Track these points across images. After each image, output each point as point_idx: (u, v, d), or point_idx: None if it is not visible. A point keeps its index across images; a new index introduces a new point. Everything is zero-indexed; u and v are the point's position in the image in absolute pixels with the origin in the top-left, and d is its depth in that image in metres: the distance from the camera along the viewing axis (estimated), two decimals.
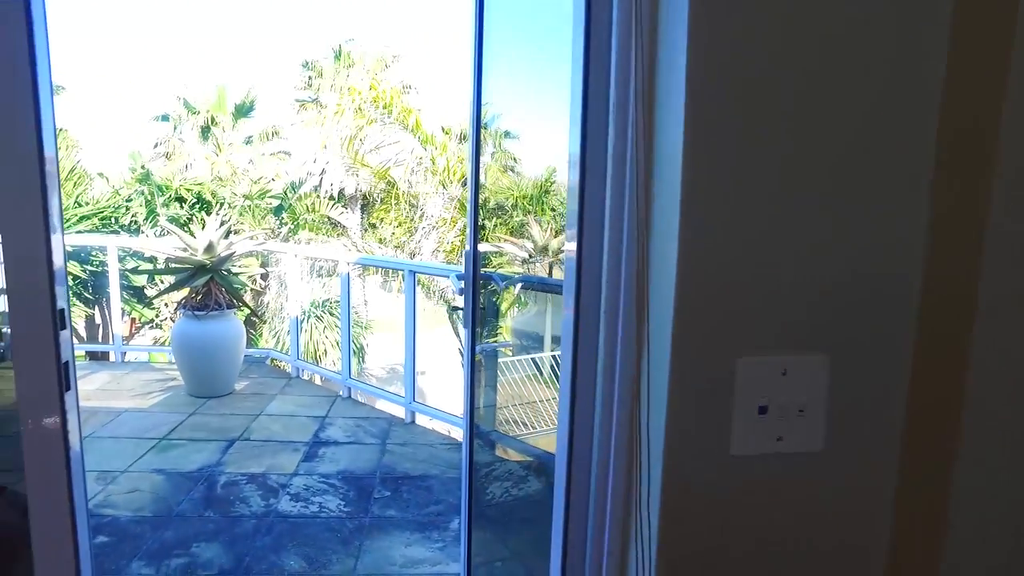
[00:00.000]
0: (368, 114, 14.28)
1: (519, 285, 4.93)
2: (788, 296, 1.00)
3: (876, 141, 0.98)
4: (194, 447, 4.35)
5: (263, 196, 11.89)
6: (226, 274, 5.58)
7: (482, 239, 2.05)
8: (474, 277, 1.99)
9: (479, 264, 2.01)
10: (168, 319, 10.08)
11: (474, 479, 2.26)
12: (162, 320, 10.45)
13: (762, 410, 1.02)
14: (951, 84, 0.96)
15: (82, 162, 12.15)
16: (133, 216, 10.38)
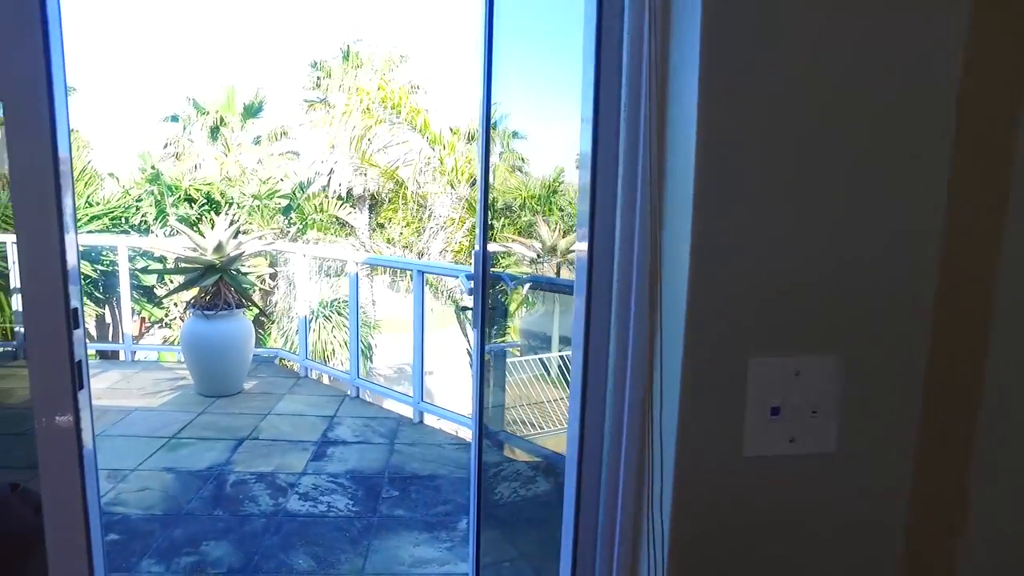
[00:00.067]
0: (376, 114, 14.30)
1: (527, 285, 4.93)
2: (801, 296, 0.99)
3: (892, 140, 0.97)
4: (203, 446, 4.37)
5: (272, 196, 11.93)
6: (235, 274, 5.60)
7: (490, 239, 2.05)
8: (484, 277, 1.99)
9: (489, 264, 2.01)
10: (177, 318, 10.13)
11: (483, 479, 2.26)
12: (171, 319, 10.51)
13: (775, 411, 1.01)
14: (968, 83, 0.95)
15: (93, 162, 12.22)
16: (143, 216, 10.44)
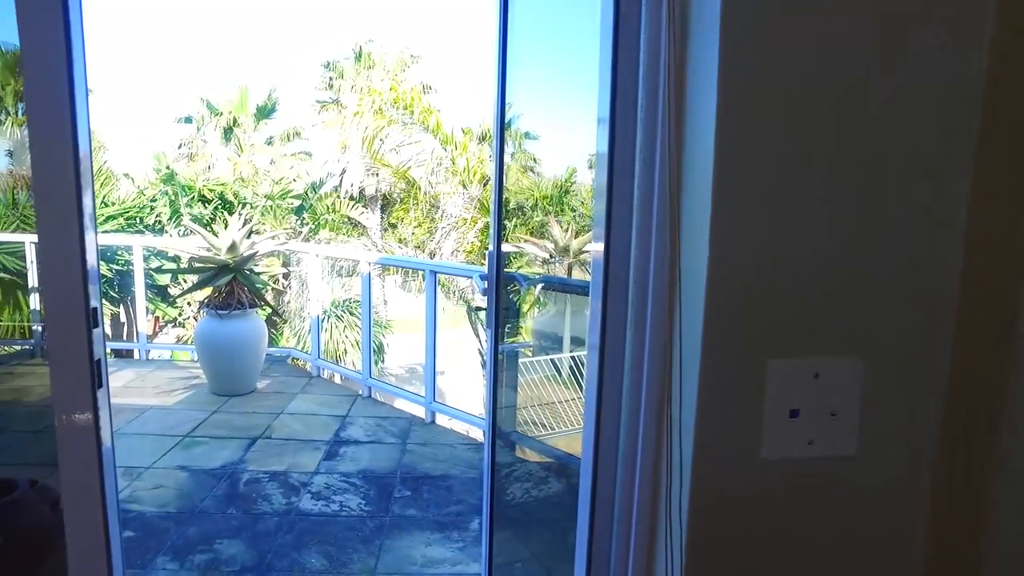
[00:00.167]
0: (388, 115, 14.35)
1: (540, 286, 4.92)
2: (821, 298, 0.98)
3: (915, 141, 0.96)
4: (217, 445, 4.40)
5: (284, 196, 12.00)
6: (248, 274, 5.63)
7: (503, 239, 2.05)
8: (497, 278, 1.99)
9: (502, 264, 2.01)
10: (191, 318, 10.21)
11: (496, 480, 2.26)
12: (185, 319, 10.59)
13: (793, 413, 1.01)
14: (993, 84, 0.94)
15: (108, 163, 12.34)
16: (157, 216, 10.52)
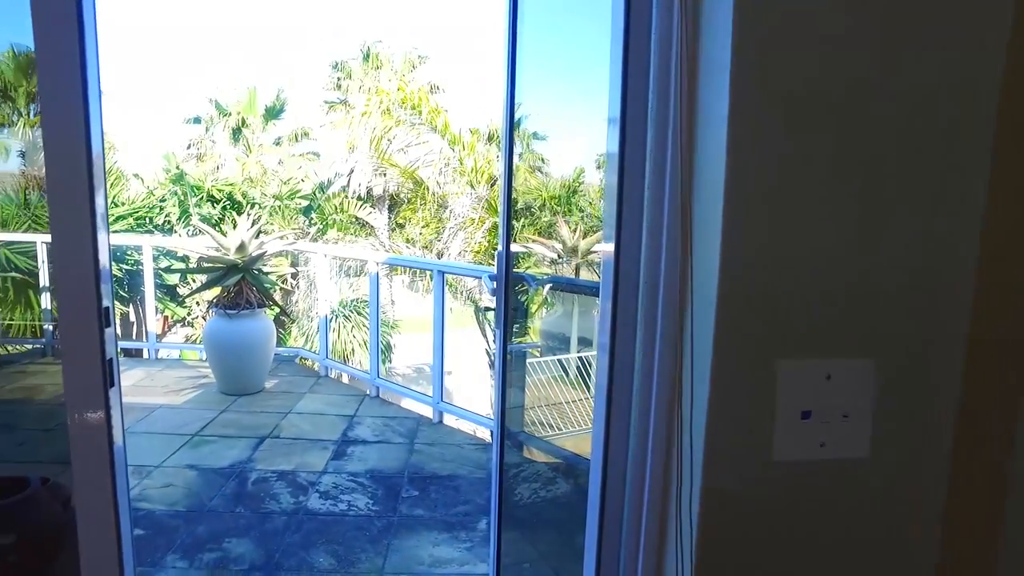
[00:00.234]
0: (396, 115, 14.38)
1: (548, 286, 4.92)
2: (833, 299, 0.98)
3: (930, 142, 0.95)
4: (225, 444, 4.42)
5: (292, 196, 12.03)
6: (257, 273, 5.65)
7: (512, 239, 2.05)
8: (506, 278, 1.99)
9: (511, 265, 2.01)
10: (199, 317, 10.25)
11: (504, 480, 2.26)
12: (193, 318, 10.63)
13: (805, 415, 1.00)
14: (1010, 85, 0.93)
15: (118, 163, 12.41)
16: (167, 216, 10.58)
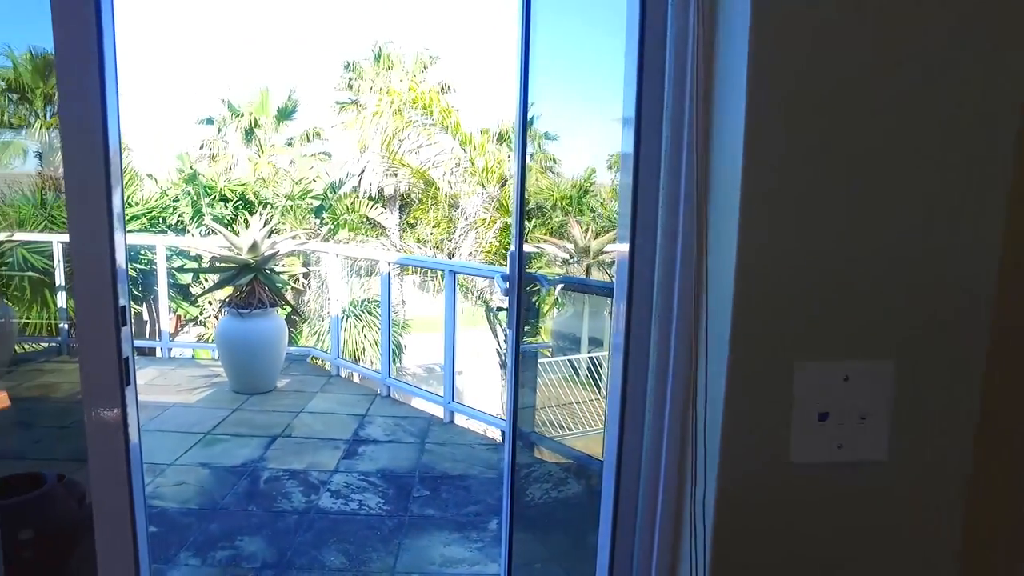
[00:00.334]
0: (407, 115, 14.42)
1: (560, 286, 4.91)
2: (851, 300, 0.97)
3: (952, 143, 0.94)
4: (238, 442, 4.44)
5: (304, 196, 12.10)
6: (269, 273, 5.68)
7: (524, 240, 2.05)
8: (519, 278, 1.99)
9: (524, 265, 2.01)
10: (212, 316, 10.32)
11: (516, 480, 2.26)
12: (206, 317, 10.70)
13: (822, 416, 0.99)
14: None
15: (133, 163, 12.52)
16: (180, 216, 10.66)
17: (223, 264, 5.79)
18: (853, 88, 0.93)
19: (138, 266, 9.00)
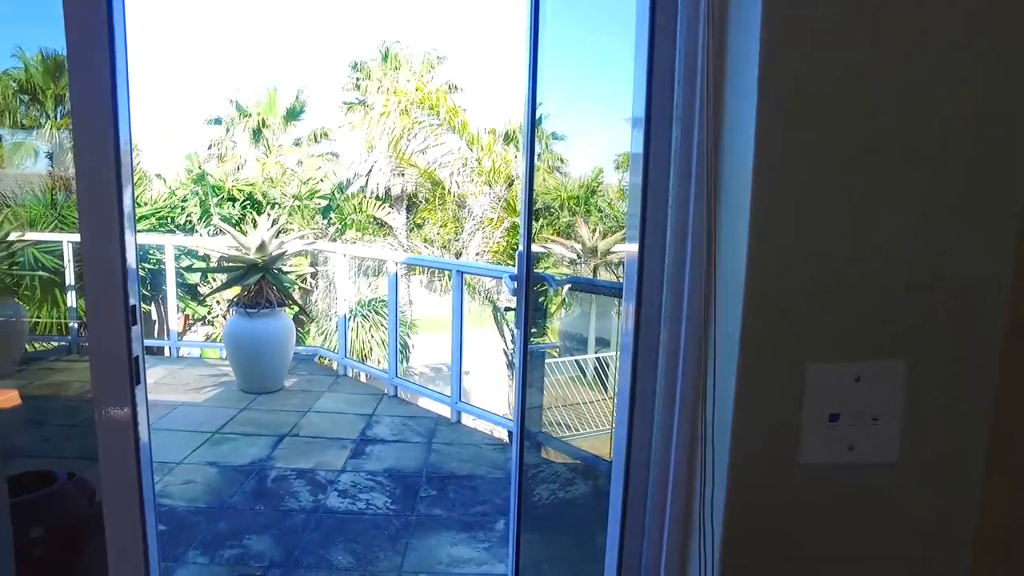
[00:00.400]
0: (414, 115, 14.44)
1: (567, 287, 4.91)
2: (862, 300, 0.96)
3: (966, 140, 0.93)
4: (246, 441, 4.46)
5: (312, 196, 12.13)
6: (277, 273, 5.70)
7: (532, 240, 2.04)
8: (527, 278, 1.99)
9: (532, 265, 2.01)
10: (220, 316, 10.36)
11: (523, 480, 2.26)
12: (214, 317, 10.75)
13: (833, 418, 0.99)
14: None
15: (141, 164, 12.59)
16: (188, 216, 10.71)
17: (231, 264, 5.82)
18: (864, 89, 0.92)
19: (147, 266, 9.05)
